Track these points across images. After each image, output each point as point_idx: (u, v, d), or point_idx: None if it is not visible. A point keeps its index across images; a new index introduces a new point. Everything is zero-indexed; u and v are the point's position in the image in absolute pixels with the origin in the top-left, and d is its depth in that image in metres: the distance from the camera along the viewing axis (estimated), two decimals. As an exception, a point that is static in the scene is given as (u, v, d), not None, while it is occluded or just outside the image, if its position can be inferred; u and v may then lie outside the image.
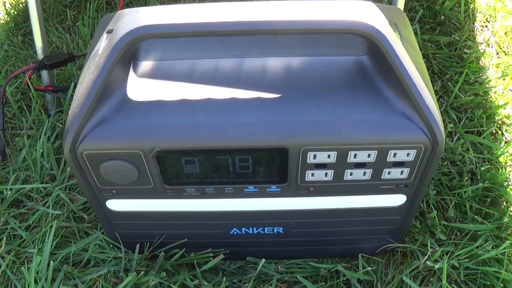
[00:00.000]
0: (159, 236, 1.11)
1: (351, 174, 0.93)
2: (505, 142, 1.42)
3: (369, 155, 0.89)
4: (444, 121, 1.42)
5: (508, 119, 1.48)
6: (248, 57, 0.94)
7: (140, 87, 0.91)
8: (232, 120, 0.86)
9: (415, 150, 0.88)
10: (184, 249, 1.14)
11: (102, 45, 0.87)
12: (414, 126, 0.86)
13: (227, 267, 1.19)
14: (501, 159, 1.36)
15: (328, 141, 0.86)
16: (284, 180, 0.94)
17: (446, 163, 1.34)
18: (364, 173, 0.93)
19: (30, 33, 1.42)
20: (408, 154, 0.89)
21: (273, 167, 0.91)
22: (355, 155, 0.88)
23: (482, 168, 1.31)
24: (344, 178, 0.93)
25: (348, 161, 0.89)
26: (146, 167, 0.91)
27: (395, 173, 0.93)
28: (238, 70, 0.92)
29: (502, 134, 1.45)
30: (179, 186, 0.96)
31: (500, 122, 1.47)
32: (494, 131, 1.46)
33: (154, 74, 0.93)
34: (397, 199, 1.00)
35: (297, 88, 0.90)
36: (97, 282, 1.13)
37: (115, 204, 1.01)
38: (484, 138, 1.40)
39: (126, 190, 0.97)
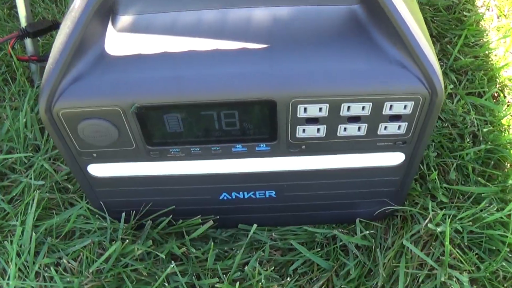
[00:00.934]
0: (146, 204, 1.06)
1: (345, 129, 0.87)
2: (507, 105, 1.36)
3: (363, 108, 0.83)
4: (443, 82, 1.37)
5: (510, 81, 1.42)
6: (233, 8, 0.88)
7: (119, 42, 0.85)
8: (216, 72, 0.81)
9: (413, 102, 0.82)
10: (171, 216, 1.08)
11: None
12: (410, 76, 0.80)
13: (218, 235, 1.14)
14: (503, 121, 1.30)
15: (319, 92, 0.81)
16: (274, 137, 0.89)
17: (446, 125, 1.29)
18: (359, 128, 0.87)
19: (16, 6, 1.37)
20: (405, 107, 0.83)
21: (262, 123, 0.86)
22: (348, 107, 0.83)
23: (485, 130, 1.26)
24: (338, 134, 0.88)
25: (341, 114, 0.84)
26: (126, 126, 0.85)
27: (392, 128, 0.87)
28: (222, 22, 0.87)
29: (505, 96, 1.40)
30: (163, 147, 0.90)
31: (502, 84, 1.42)
32: (496, 94, 1.40)
33: (134, 29, 0.88)
34: (395, 158, 0.95)
35: (285, 38, 0.84)
36: (81, 254, 1.07)
37: (97, 169, 0.96)
38: (486, 100, 1.34)
39: (107, 153, 0.92)
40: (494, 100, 1.39)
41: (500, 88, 1.41)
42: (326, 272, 1.07)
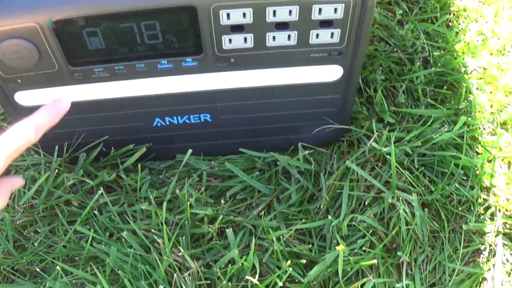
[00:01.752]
0: (78, 135, 1.01)
1: (273, 38, 0.83)
2: (461, 30, 1.32)
3: (290, 12, 0.79)
4: (392, 10, 1.33)
5: (465, 10, 1.37)
6: None
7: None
8: (131, -22, 0.77)
9: (343, 4, 0.78)
10: (101, 146, 1.04)
11: None
12: (338, -26, 0.76)
13: (156, 166, 1.10)
14: (457, 47, 1.26)
15: (240, -6, 0.77)
16: (199, 50, 0.84)
17: (395, 49, 1.24)
18: (289, 37, 0.83)
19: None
20: (335, 10, 0.79)
21: (185, 34, 0.82)
22: (274, 12, 0.78)
23: (436, 53, 1.21)
24: (267, 44, 0.84)
25: (267, 20, 0.80)
26: (46, 45, 0.81)
27: (325, 36, 0.83)
28: None
29: (459, 24, 1.35)
30: (86, 66, 0.86)
31: (456, 13, 1.37)
32: (449, 24, 1.36)
33: None
34: (333, 72, 0.91)
35: None
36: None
37: (24, 98, 0.92)
38: (438, 26, 1.30)
39: (31, 78, 0.87)
40: (448, 29, 1.34)
41: (454, 17, 1.36)
42: (267, 197, 1.03)
